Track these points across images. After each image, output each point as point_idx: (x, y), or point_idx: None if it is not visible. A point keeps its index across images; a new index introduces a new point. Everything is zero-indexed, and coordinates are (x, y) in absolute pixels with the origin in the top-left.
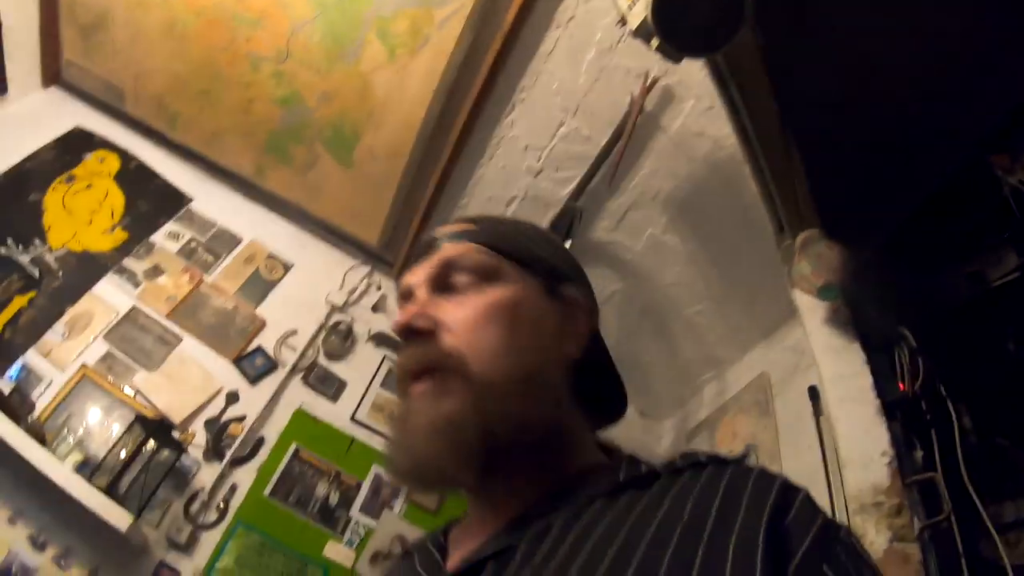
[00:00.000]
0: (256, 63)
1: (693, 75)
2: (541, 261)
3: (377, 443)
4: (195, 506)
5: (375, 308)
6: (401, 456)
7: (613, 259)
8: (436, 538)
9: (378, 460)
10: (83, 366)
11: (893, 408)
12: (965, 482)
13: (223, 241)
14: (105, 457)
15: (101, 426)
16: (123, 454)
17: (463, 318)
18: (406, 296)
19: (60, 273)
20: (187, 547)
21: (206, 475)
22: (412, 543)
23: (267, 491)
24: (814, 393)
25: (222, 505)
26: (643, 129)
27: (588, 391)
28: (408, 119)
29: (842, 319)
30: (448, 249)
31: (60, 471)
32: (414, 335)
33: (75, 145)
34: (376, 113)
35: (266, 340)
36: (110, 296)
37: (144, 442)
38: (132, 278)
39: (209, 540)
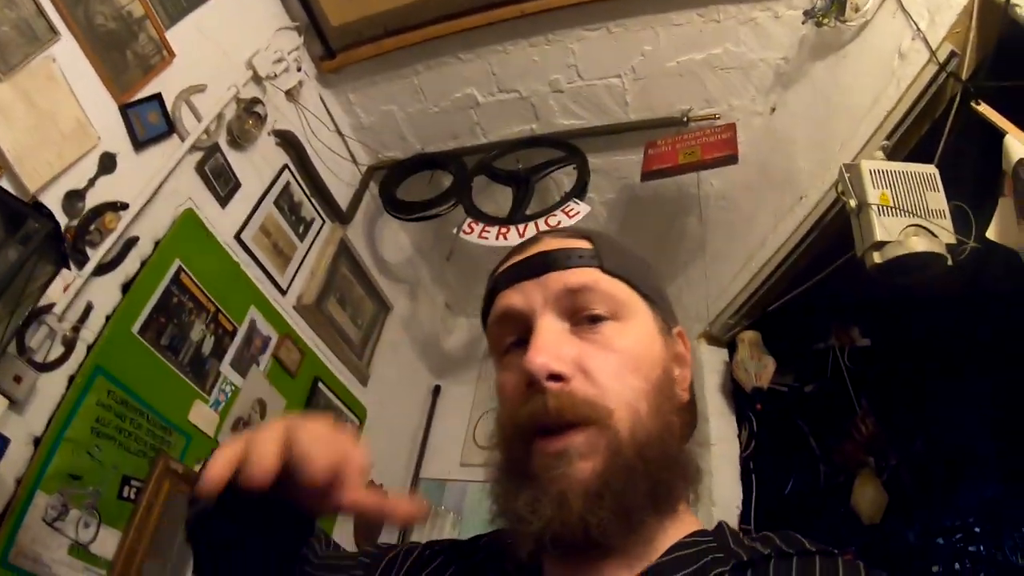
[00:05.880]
0: None
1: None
2: (657, 292)
3: (255, 276)
4: (36, 334)
5: (289, 95)
6: (545, 522)
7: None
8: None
9: (256, 300)
10: None
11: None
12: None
13: None
14: None
15: None
16: None
17: (605, 366)
18: (513, 319)
19: None
20: (20, 400)
21: (53, 284)
22: (495, 552)
23: (136, 327)
24: None
25: (70, 334)
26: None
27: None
28: None
29: (728, 391)
30: (575, 275)
31: None
32: (552, 379)
33: None
34: None
35: (167, 87)
36: None
37: None
38: None
39: (51, 388)
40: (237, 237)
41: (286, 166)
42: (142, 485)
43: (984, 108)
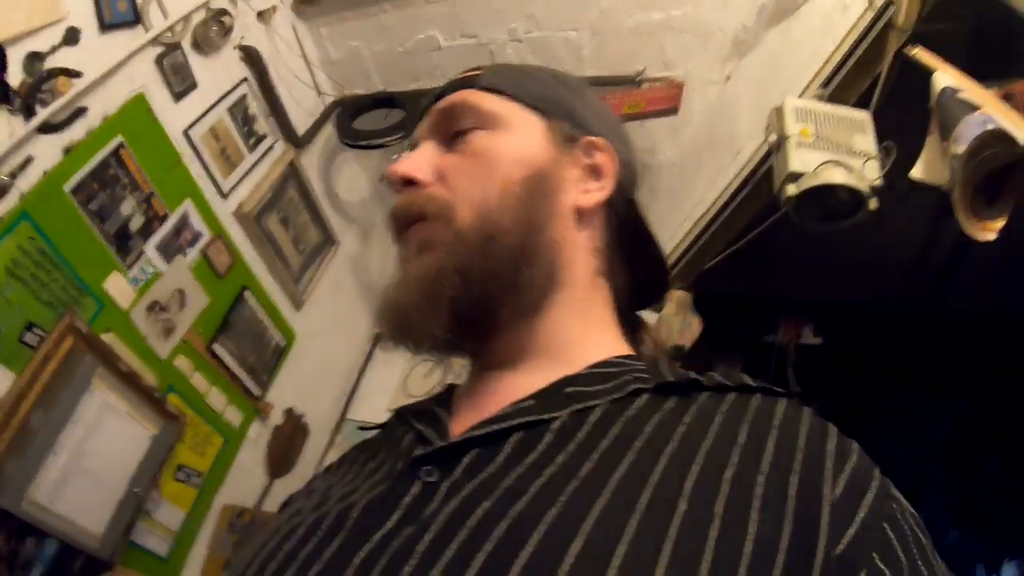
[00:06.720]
0: None
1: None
2: (558, 104)
3: (197, 173)
4: None
5: (260, 16)
6: (384, 305)
7: None
8: (441, 399)
9: (193, 194)
10: None
11: None
12: None
13: None
14: None
15: None
16: None
17: (453, 164)
18: (412, 148)
19: None
20: None
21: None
22: (409, 406)
23: (69, 185)
24: None
25: (7, 179)
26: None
27: (622, 265)
28: None
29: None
30: (448, 98)
31: None
32: (408, 185)
33: None
34: None
35: None
36: None
37: None
38: None
39: None
40: (185, 133)
41: (245, 79)
42: (45, 335)
43: (918, 51)
